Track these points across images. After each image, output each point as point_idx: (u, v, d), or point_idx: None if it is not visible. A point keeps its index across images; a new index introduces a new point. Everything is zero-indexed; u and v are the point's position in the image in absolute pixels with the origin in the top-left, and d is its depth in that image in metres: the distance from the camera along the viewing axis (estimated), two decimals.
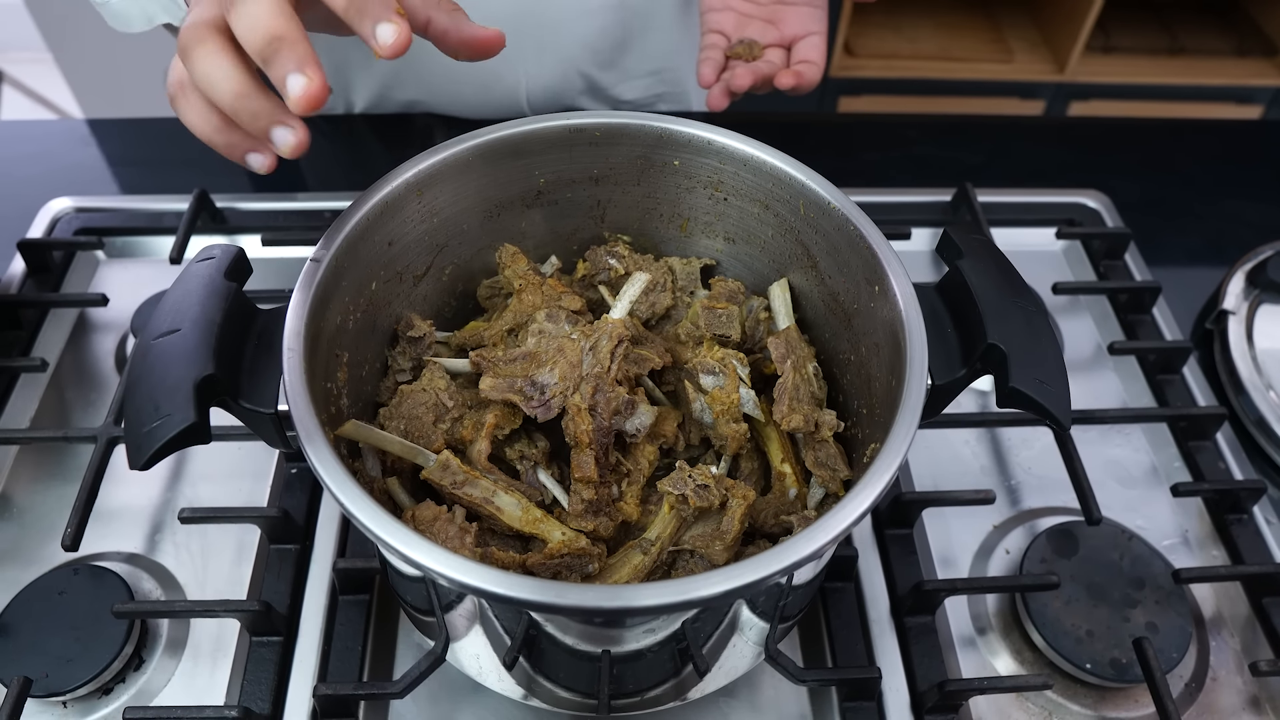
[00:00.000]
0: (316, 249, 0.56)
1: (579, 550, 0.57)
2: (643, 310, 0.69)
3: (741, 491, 0.58)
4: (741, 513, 0.58)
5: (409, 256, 0.64)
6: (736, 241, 0.70)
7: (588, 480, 0.58)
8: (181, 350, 0.49)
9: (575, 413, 0.58)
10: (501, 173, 0.65)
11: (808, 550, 0.46)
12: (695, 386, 0.63)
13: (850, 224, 0.60)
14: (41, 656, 0.65)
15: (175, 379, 0.48)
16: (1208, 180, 1.12)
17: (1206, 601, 0.76)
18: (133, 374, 0.49)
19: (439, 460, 0.58)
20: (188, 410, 0.46)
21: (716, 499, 0.58)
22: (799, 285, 0.68)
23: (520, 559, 0.57)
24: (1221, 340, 0.91)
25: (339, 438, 0.56)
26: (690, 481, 0.58)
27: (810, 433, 0.62)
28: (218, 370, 0.48)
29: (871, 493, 0.48)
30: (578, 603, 0.44)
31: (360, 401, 0.62)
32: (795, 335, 0.65)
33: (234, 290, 0.52)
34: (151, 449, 0.46)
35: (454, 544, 0.55)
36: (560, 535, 0.57)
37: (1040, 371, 0.52)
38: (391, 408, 0.62)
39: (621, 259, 0.70)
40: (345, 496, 0.46)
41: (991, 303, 0.54)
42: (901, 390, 0.52)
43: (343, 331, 0.58)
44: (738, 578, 0.45)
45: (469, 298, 0.72)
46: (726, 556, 0.58)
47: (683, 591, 0.45)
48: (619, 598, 0.45)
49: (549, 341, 0.62)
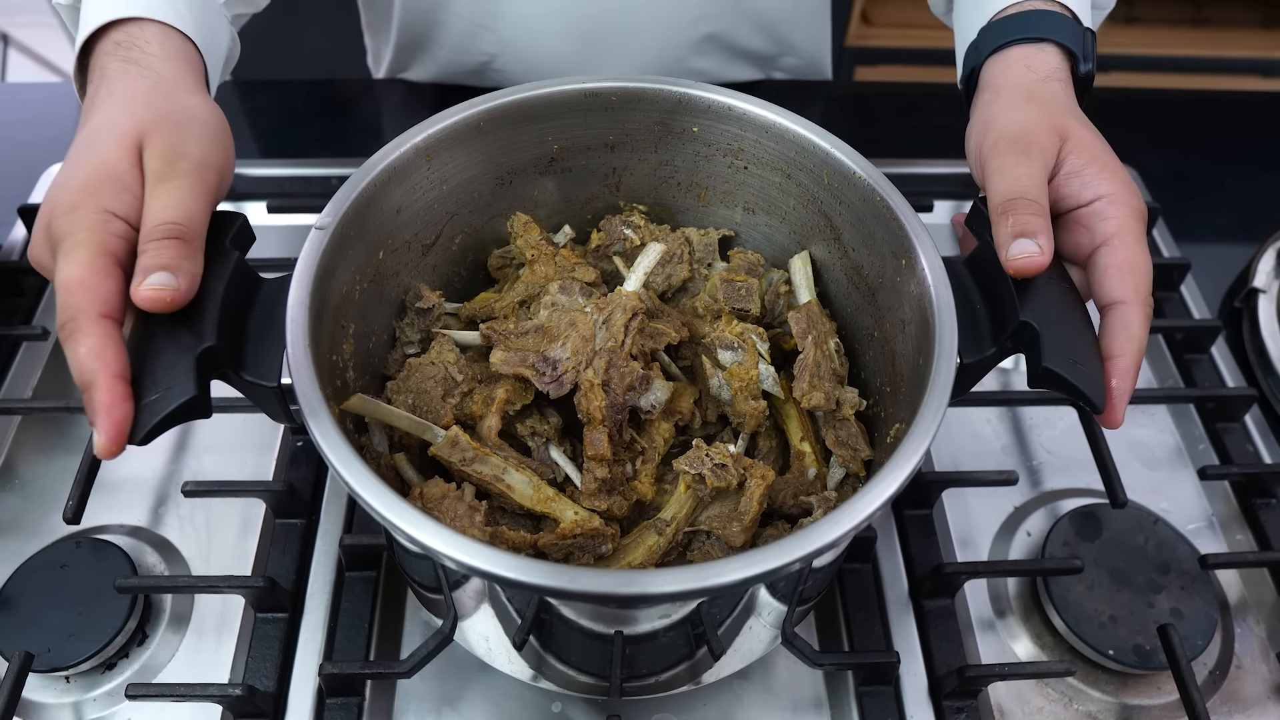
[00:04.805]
0: (321, 216, 0.54)
1: (592, 531, 0.55)
2: (658, 282, 0.67)
3: (760, 471, 0.57)
4: (760, 494, 0.56)
5: (418, 225, 0.62)
6: (756, 212, 0.68)
7: (601, 459, 0.57)
8: (181, 321, 0.47)
9: (588, 389, 0.57)
10: (513, 138, 0.63)
11: (828, 538, 0.44)
12: (713, 362, 0.61)
13: (877, 195, 0.58)
14: (43, 631, 0.64)
15: (175, 351, 0.46)
16: (1237, 155, 1.09)
17: (1232, 587, 0.74)
18: (131, 344, 0.47)
19: (448, 436, 0.57)
20: (187, 384, 0.45)
21: (734, 479, 0.56)
22: (821, 258, 0.66)
23: (531, 539, 0.55)
24: (1251, 319, 0.88)
25: (345, 412, 0.54)
26: (707, 460, 0.56)
27: (831, 411, 0.60)
28: (219, 342, 0.47)
29: (896, 479, 0.46)
30: (590, 588, 0.43)
31: (368, 374, 0.61)
32: (817, 310, 0.63)
33: (237, 259, 0.51)
34: (150, 424, 0.44)
35: (463, 523, 0.54)
36: (573, 515, 0.56)
37: (1074, 351, 0.50)
38: (399, 381, 0.60)
39: (637, 229, 0.68)
40: (350, 474, 0.45)
41: (1027, 284, 0.52)
42: (930, 370, 0.50)
43: (349, 302, 0.57)
44: (755, 565, 0.43)
45: (479, 268, 0.70)
46: (744, 539, 0.57)
47: (699, 578, 0.43)
48: (633, 584, 0.43)
49: (561, 314, 0.60)
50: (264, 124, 1.06)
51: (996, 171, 0.56)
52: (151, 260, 0.47)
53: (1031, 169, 0.55)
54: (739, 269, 0.66)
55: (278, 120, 1.07)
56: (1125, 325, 0.52)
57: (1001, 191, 0.55)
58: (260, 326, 0.50)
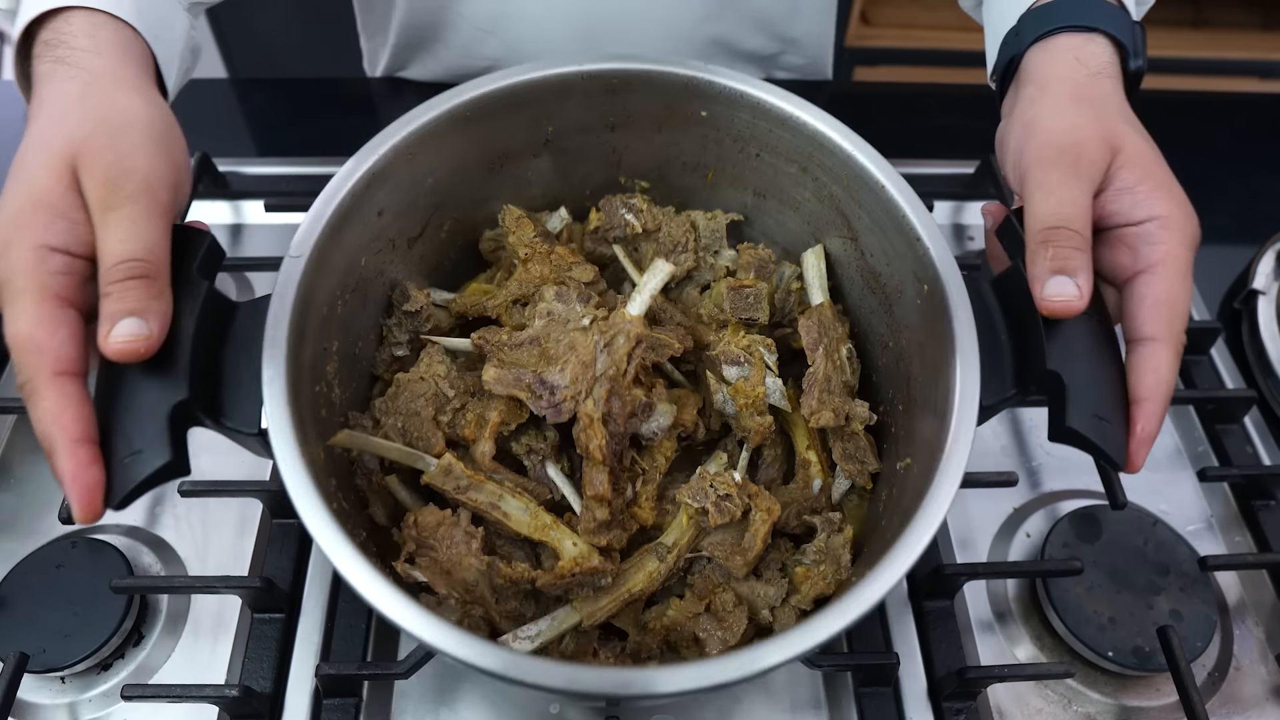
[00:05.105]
0: (295, 242, 0.50)
1: (591, 570, 0.54)
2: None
3: (766, 504, 0.55)
4: (765, 531, 0.55)
5: (402, 222, 0.59)
6: (768, 198, 0.64)
7: (601, 499, 0.54)
8: (151, 368, 0.44)
9: (588, 424, 0.54)
10: (505, 124, 0.59)
11: (822, 638, 0.44)
12: (718, 377, 0.59)
13: (903, 214, 0.54)
14: (39, 631, 0.63)
15: (146, 405, 0.44)
16: (1236, 156, 1.09)
17: (1231, 589, 0.74)
18: (98, 397, 0.44)
19: (440, 465, 0.55)
20: (161, 447, 0.43)
21: (739, 510, 0.55)
22: (835, 253, 0.62)
23: (530, 575, 0.54)
24: (1250, 321, 0.88)
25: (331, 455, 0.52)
26: (711, 493, 0.55)
27: (840, 426, 0.58)
28: (192, 393, 0.44)
29: (903, 565, 0.46)
30: (594, 688, 0.43)
31: (355, 379, 0.58)
32: (829, 313, 0.60)
33: (206, 289, 0.47)
34: (125, 490, 0.43)
35: (459, 550, 0.53)
36: (572, 548, 0.54)
37: (1100, 405, 0.48)
38: (388, 399, 0.58)
39: (639, 213, 0.64)
40: (345, 567, 0.45)
41: (1057, 322, 0.49)
42: (945, 438, 0.48)
43: (330, 320, 0.53)
44: (758, 662, 0.43)
45: (470, 249, 0.65)
46: (746, 571, 0.56)
47: (703, 677, 0.43)
48: (635, 684, 0.43)
49: (558, 328, 0.57)
50: (262, 122, 1.06)
51: (1040, 189, 0.52)
52: (117, 306, 0.43)
53: (1078, 191, 0.51)
54: (748, 267, 0.63)
55: (276, 119, 1.06)
56: (1155, 367, 0.49)
57: (1044, 216, 0.50)
58: (237, 365, 0.47)
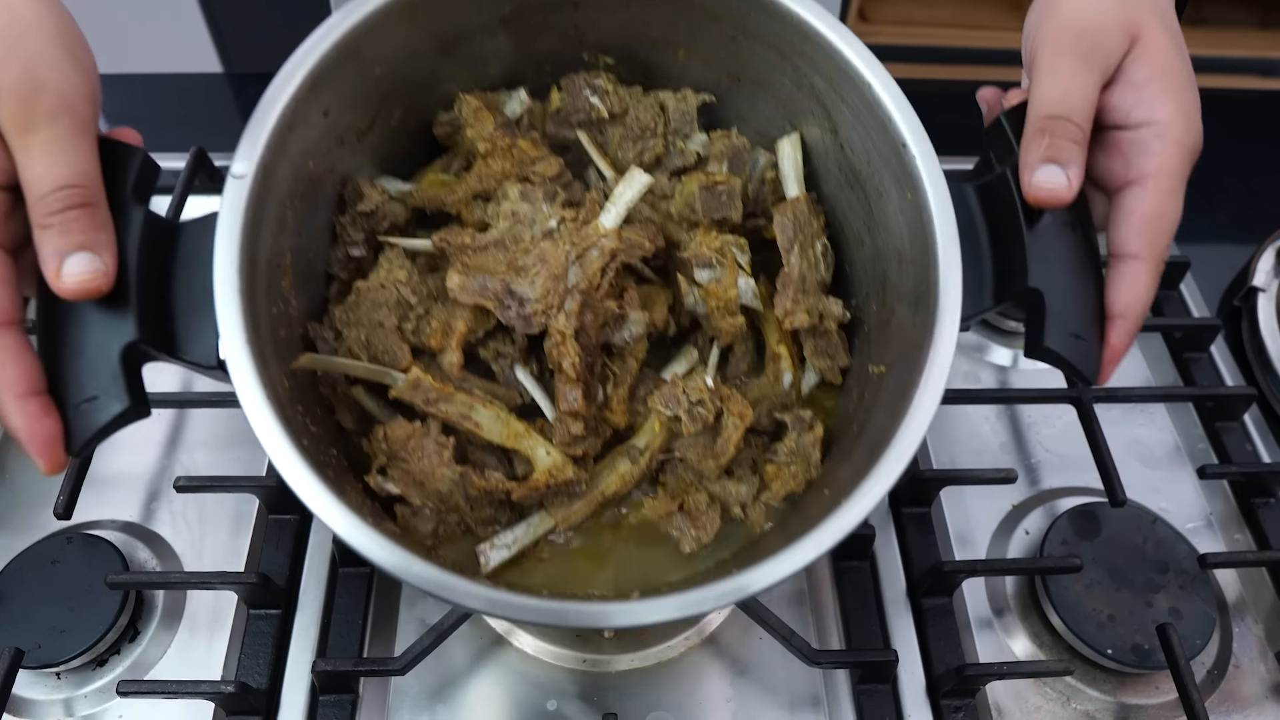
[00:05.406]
0: (236, 161, 0.46)
1: (566, 481, 0.53)
2: (629, 160, 0.61)
3: (738, 409, 0.55)
4: (738, 437, 0.55)
5: (350, 117, 0.55)
6: (742, 81, 0.60)
7: (575, 415, 0.53)
8: (95, 306, 0.42)
9: (560, 340, 0.53)
10: (460, 3, 0.56)
11: (811, 556, 0.44)
12: (689, 280, 0.57)
13: (890, 116, 0.51)
14: (34, 627, 0.63)
15: (95, 346, 0.42)
16: (1236, 154, 1.09)
17: (1230, 586, 0.74)
18: (42, 334, 0.42)
19: (408, 380, 0.53)
20: (118, 392, 0.41)
21: (711, 415, 0.54)
22: (813, 142, 0.59)
23: (505, 487, 0.53)
24: (1250, 318, 0.88)
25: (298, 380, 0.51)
26: (684, 400, 0.54)
27: (814, 325, 0.57)
28: (142, 330, 0.42)
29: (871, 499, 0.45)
30: (578, 623, 0.43)
31: (311, 284, 0.55)
32: (805, 207, 0.58)
33: (144, 215, 0.44)
34: (84, 438, 0.41)
35: (432, 461, 0.52)
36: (545, 458, 0.53)
37: (1078, 322, 0.48)
38: (348, 309, 0.55)
39: (604, 95, 0.60)
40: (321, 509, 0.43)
41: (1041, 233, 0.48)
42: (924, 356, 0.47)
43: (282, 234, 0.50)
44: (732, 593, 0.44)
45: (424, 134, 0.62)
46: (718, 474, 0.56)
47: (683, 606, 0.44)
48: (615, 617, 0.44)
49: (524, 229, 0.55)
50: None
51: (1049, 74, 0.49)
52: (62, 240, 0.41)
53: (1086, 83, 0.48)
54: (720, 157, 0.60)
55: None
56: (1133, 285, 0.48)
57: (1047, 104, 0.48)
58: (189, 293, 0.45)
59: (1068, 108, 0.48)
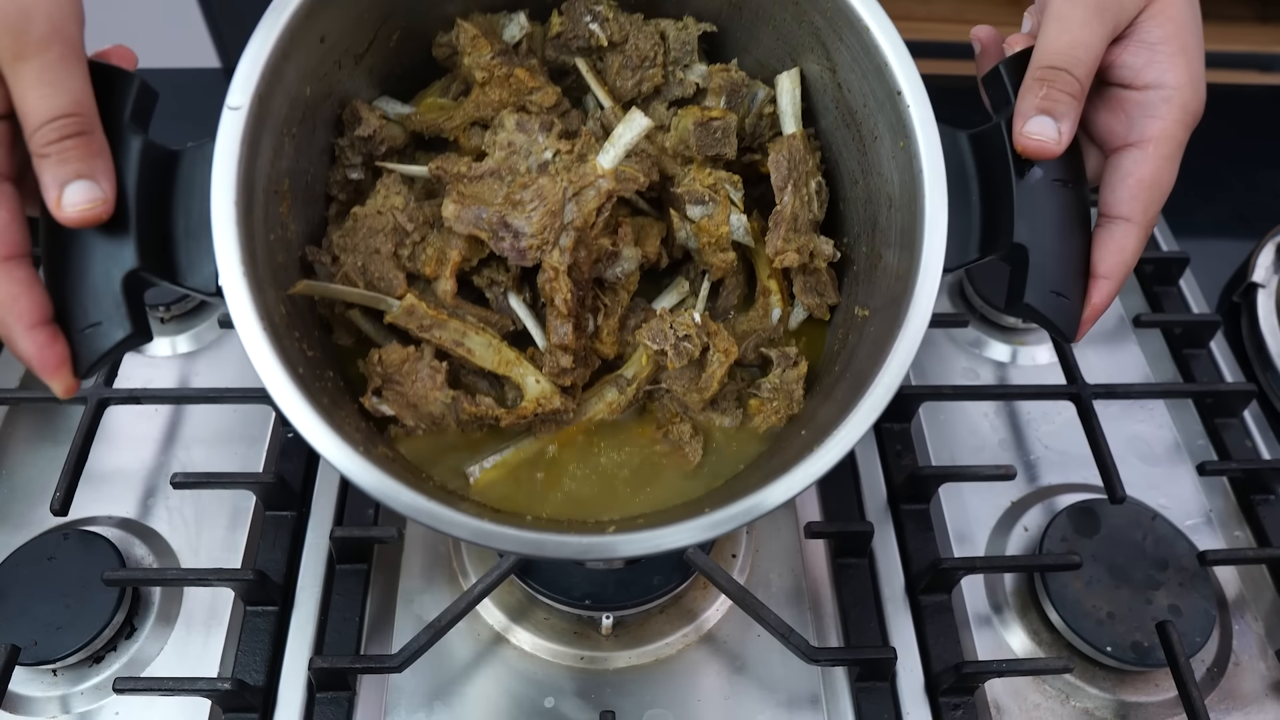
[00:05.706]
0: (232, 93, 0.46)
1: (553, 410, 0.54)
2: (628, 89, 0.61)
3: (724, 345, 0.55)
4: (723, 373, 0.55)
5: (347, 40, 0.55)
6: (744, 11, 0.60)
7: (564, 347, 0.54)
8: (97, 234, 0.43)
9: (553, 276, 0.53)
10: None
11: (798, 488, 0.46)
12: (681, 215, 0.58)
13: (886, 61, 0.51)
14: (30, 623, 0.63)
15: (98, 274, 0.43)
16: (1236, 149, 1.08)
17: (1230, 584, 0.73)
18: (47, 262, 0.44)
19: (403, 306, 0.54)
20: (121, 319, 0.43)
21: (696, 350, 0.55)
22: (812, 78, 0.59)
23: (495, 413, 0.54)
24: (1250, 314, 0.88)
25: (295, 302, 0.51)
26: (671, 334, 0.55)
27: (804, 264, 0.57)
28: (143, 257, 0.43)
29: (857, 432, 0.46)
30: (558, 554, 0.45)
31: (310, 205, 0.56)
32: (801, 145, 0.58)
33: (142, 143, 0.45)
34: (90, 362, 0.43)
35: (425, 385, 0.53)
36: (535, 385, 0.54)
37: (1060, 279, 0.48)
38: (346, 234, 0.55)
39: (604, 22, 0.60)
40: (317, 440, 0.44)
41: (1030, 187, 0.48)
42: (906, 304, 0.48)
43: (279, 161, 0.51)
44: (714, 528, 0.45)
45: (423, 54, 0.61)
46: (703, 405, 0.57)
47: (659, 540, 0.45)
48: (598, 549, 0.45)
49: (520, 160, 0.55)
50: None
51: (1058, 21, 0.48)
52: (61, 170, 0.41)
53: (1094, 36, 0.47)
54: (719, 91, 0.60)
55: None
56: (1121, 248, 0.48)
57: (1051, 54, 0.48)
58: (188, 219, 0.45)
59: (1070, 59, 0.48)
